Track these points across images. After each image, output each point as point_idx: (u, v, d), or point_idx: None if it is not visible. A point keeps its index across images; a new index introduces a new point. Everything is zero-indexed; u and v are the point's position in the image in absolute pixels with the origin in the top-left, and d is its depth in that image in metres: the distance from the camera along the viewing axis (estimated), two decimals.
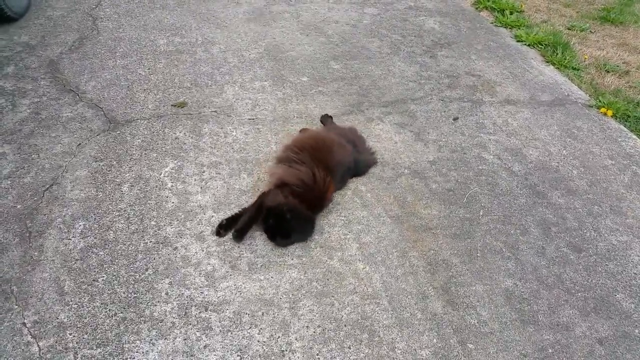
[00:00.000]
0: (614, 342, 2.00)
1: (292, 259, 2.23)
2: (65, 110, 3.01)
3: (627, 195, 2.77)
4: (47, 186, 2.48)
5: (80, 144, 2.77)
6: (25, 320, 1.88)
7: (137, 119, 3.00)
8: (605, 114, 3.50)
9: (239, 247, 2.25)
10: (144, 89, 3.28)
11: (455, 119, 3.31)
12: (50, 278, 2.05)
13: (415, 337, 1.95)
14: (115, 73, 3.42)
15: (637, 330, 2.05)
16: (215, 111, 3.15)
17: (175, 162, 2.71)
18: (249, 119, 3.11)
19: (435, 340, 1.94)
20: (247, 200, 2.50)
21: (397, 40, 4.29)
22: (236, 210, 2.43)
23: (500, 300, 2.13)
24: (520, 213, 2.59)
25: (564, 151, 3.09)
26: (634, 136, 3.30)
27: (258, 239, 2.30)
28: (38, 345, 1.80)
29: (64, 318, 1.90)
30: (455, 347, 1.92)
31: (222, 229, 2.29)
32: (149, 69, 3.51)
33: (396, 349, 1.90)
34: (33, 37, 3.73)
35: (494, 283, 2.20)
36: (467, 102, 3.50)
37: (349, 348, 1.89)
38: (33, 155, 2.65)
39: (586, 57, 4.29)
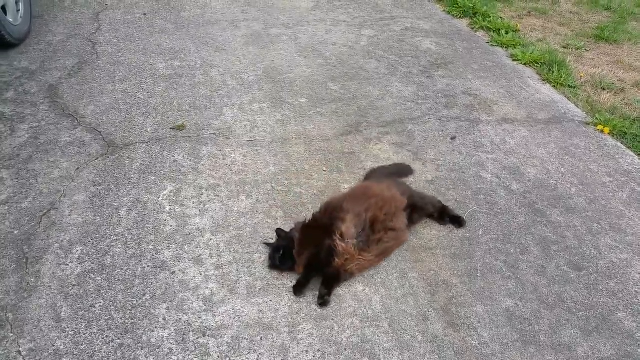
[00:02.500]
0: None
1: (291, 282, 2.21)
2: (64, 135, 3.02)
3: (626, 213, 2.77)
4: (45, 211, 2.48)
5: (78, 168, 2.78)
6: (20, 348, 1.86)
7: (136, 143, 3.02)
8: (602, 131, 3.51)
9: (237, 270, 2.24)
10: (143, 113, 3.31)
11: (453, 138, 3.33)
12: (46, 304, 2.03)
13: None
14: (114, 97, 3.46)
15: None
16: (214, 133, 3.16)
17: (174, 185, 2.71)
18: (248, 141, 3.12)
19: None
20: (246, 222, 2.50)
21: (395, 61, 4.34)
22: (234, 233, 2.43)
23: (501, 321, 2.10)
24: (520, 232, 2.58)
25: (562, 169, 3.09)
26: (632, 153, 3.31)
27: (257, 262, 2.29)
28: None
29: (60, 345, 1.88)
30: None
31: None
32: (148, 92, 3.55)
33: None
34: (33, 62, 3.78)
35: (494, 303, 2.18)
36: (464, 121, 3.52)
37: None
38: (31, 180, 2.66)
39: (582, 75, 4.33)
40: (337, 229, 2.19)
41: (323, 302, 2.11)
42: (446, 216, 2.60)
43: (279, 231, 2.33)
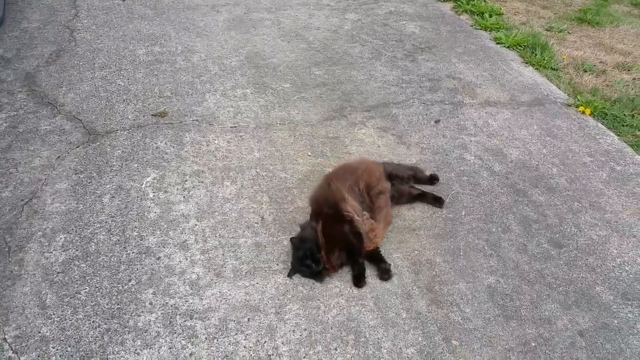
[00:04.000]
0: (594, 334, 2.03)
1: (277, 265, 2.22)
2: (44, 123, 2.98)
3: (606, 191, 2.82)
4: (26, 200, 2.45)
5: (59, 156, 2.74)
6: (5, 336, 1.85)
7: (117, 130, 2.99)
8: (583, 113, 3.56)
9: (223, 254, 2.25)
10: (124, 100, 3.27)
11: (437, 121, 3.35)
12: (31, 292, 2.02)
13: (400, 336, 1.96)
14: (94, 84, 3.41)
15: (616, 321, 2.08)
16: (196, 120, 3.14)
17: (157, 172, 2.70)
18: (232, 127, 3.11)
19: (420, 338, 1.95)
20: (231, 208, 2.50)
21: (379, 45, 4.33)
22: (220, 219, 2.43)
23: (483, 297, 2.15)
24: (502, 211, 2.62)
25: (544, 150, 3.13)
26: (612, 133, 3.37)
27: (243, 246, 2.30)
28: None
29: (47, 331, 1.88)
30: (440, 344, 1.93)
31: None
32: (128, 79, 3.50)
33: (382, 349, 1.90)
34: (8, 50, 3.70)
35: (476, 280, 2.22)
36: (448, 104, 3.54)
37: (336, 350, 1.89)
38: (11, 170, 2.62)
39: (564, 57, 4.37)
40: (346, 212, 2.21)
41: (389, 275, 2.19)
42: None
43: (294, 240, 2.22)
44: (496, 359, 1.90)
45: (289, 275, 2.17)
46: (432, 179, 2.76)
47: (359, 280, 2.16)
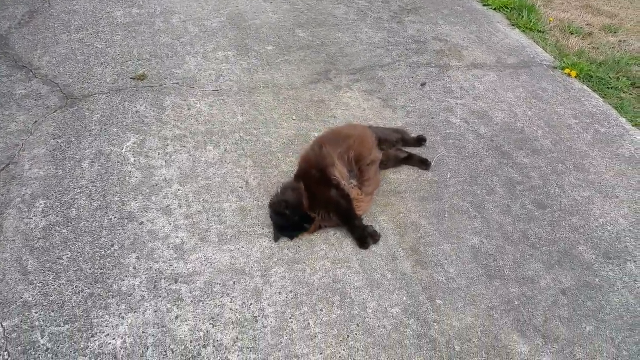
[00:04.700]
0: (576, 292, 2.07)
1: (263, 229, 2.21)
2: (19, 87, 2.87)
3: (590, 153, 2.84)
4: (4, 166, 2.38)
5: (36, 121, 2.66)
6: None
7: (96, 94, 2.89)
8: (569, 75, 3.54)
9: (207, 219, 2.22)
10: (102, 63, 3.16)
11: (423, 84, 3.31)
12: (11, 258, 1.98)
13: (385, 296, 1.97)
14: (71, 47, 3.28)
15: (597, 279, 2.13)
16: (177, 83, 3.05)
17: (137, 136, 2.63)
18: (214, 90, 3.03)
19: (405, 298, 1.97)
20: (215, 172, 2.46)
21: (364, 6, 4.22)
22: (203, 183, 2.39)
23: (467, 258, 2.17)
24: (487, 174, 2.63)
25: (530, 112, 3.13)
26: (597, 96, 3.36)
27: (227, 211, 2.27)
28: (2, 326, 1.76)
29: (29, 297, 1.86)
30: (425, 304, 1.96)
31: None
32: (105, 42, 3.37)
33: (367, 309, 1.92)
34: None
35: (461, 242, 2.24)
36: (434, 67, 3.49)
37: (322, 310, 1.90)
38: None
39: (551, 19, 4.32)
40: (334, 176, 2.19)
41: (377, 237, 2.19)
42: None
43: (274, 206, 2.19)
44: (479, 317, 1.94)
45: (275, 239, 2.17)
46: (420, 141, 2.75)
47: (363, 242, 2.16)
